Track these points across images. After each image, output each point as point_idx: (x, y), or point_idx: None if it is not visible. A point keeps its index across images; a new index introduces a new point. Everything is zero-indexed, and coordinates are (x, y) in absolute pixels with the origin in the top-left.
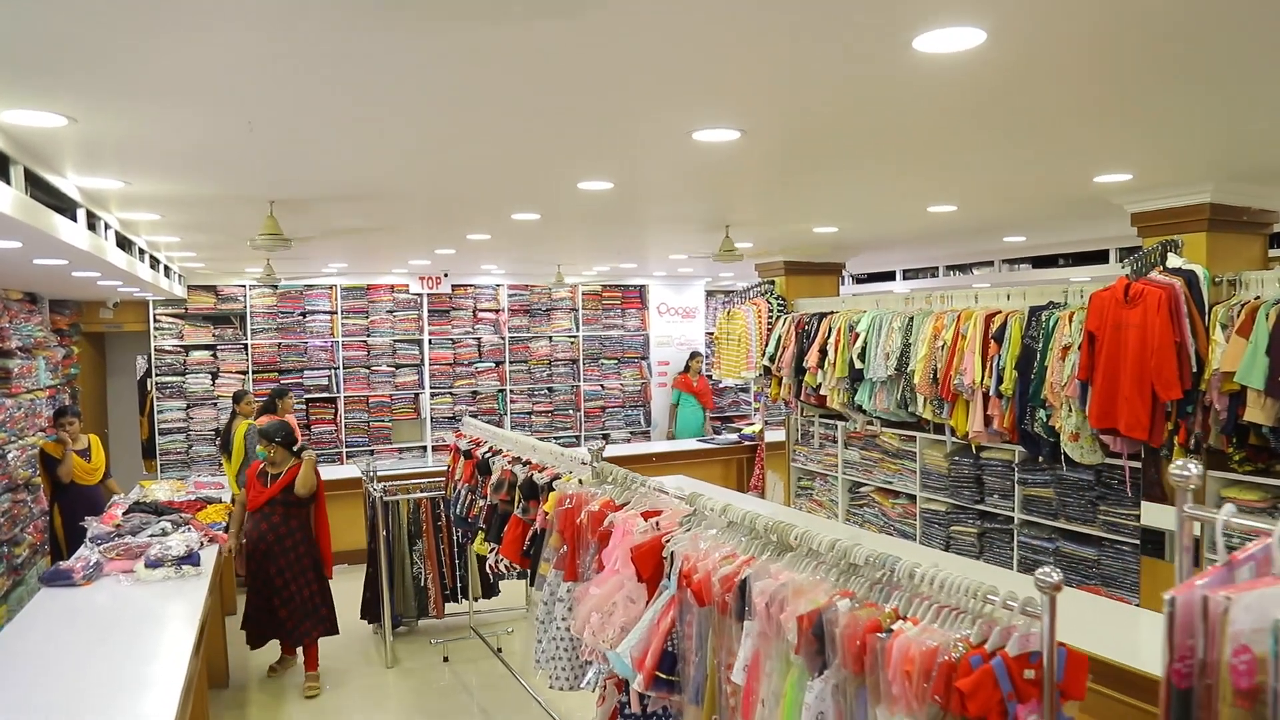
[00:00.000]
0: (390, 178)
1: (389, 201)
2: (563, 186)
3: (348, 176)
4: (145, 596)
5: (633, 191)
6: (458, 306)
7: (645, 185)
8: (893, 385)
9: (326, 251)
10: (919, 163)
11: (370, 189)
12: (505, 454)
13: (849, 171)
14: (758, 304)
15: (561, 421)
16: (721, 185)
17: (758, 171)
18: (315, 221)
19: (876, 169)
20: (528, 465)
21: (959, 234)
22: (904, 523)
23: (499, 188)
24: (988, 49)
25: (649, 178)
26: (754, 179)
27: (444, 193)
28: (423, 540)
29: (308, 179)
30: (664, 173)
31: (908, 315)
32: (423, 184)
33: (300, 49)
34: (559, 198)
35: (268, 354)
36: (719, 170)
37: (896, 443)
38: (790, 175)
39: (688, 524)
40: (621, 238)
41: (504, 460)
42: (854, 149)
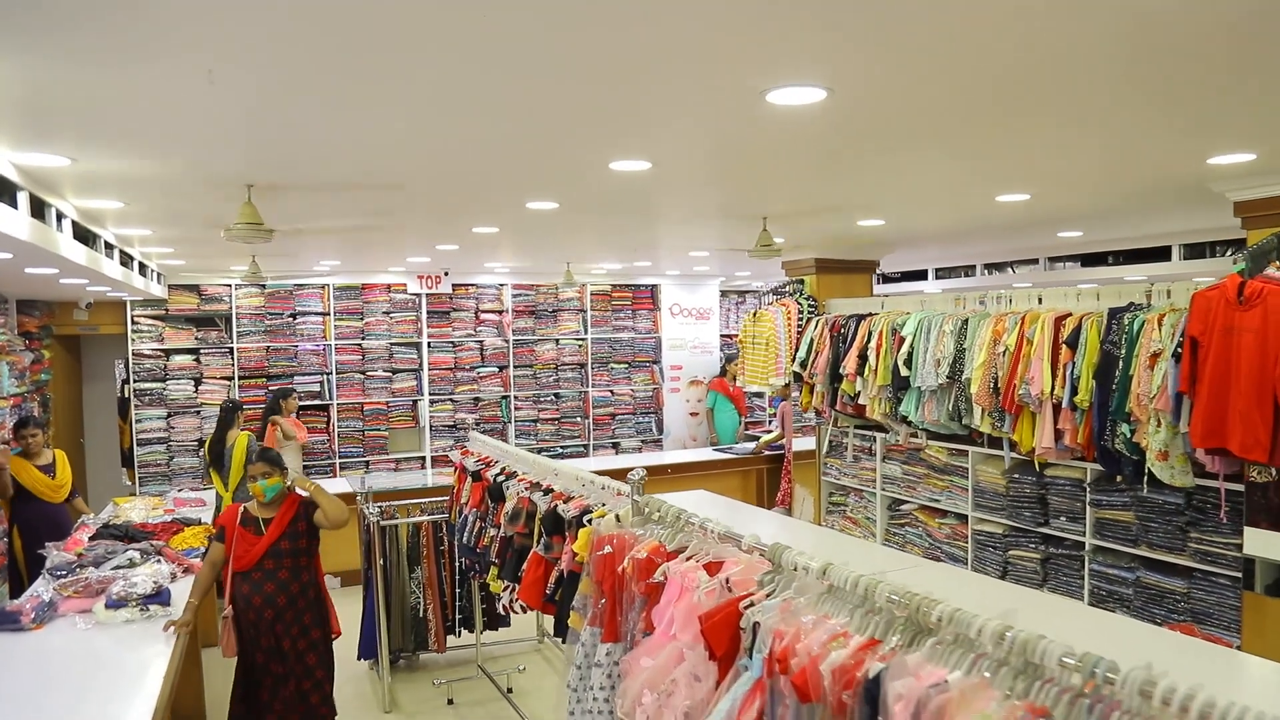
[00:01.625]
0: (387, 159)
1: (386, 188)
2: (591, 168)
3: (337, 157)
4: (105, 643)
5: (672, 174)
6: (459, 307)
7: (689, 165)
8: (943, 395)
9: (317, 247)
10: (1002, 141)
11: (364, 172)
12: (521, 478)
13: (918, 153)
14: (786, 305)
15: (569, 430)
16: (770, 167)
17: (819, 145)
18: (301, 210)
19: (954, 148)
20: (549, 493)
21: (1014, 227)
22: (953, 545)
23: (515, 171)
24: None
25: (696, 154)
26: (810, 158)
27: (450, 178)
28: (422, 567)
29: (290, 159)
30: (714, 148)
31: (961, 318)
32: (425, 168)
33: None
34: (585, 182)
35: (255, 358)
36: (776, 147)
37: (944, 457)
38: (856, 152)
39: (770, 584)
40: (644, 231)
41: (520, 486)
42: (936, 122)
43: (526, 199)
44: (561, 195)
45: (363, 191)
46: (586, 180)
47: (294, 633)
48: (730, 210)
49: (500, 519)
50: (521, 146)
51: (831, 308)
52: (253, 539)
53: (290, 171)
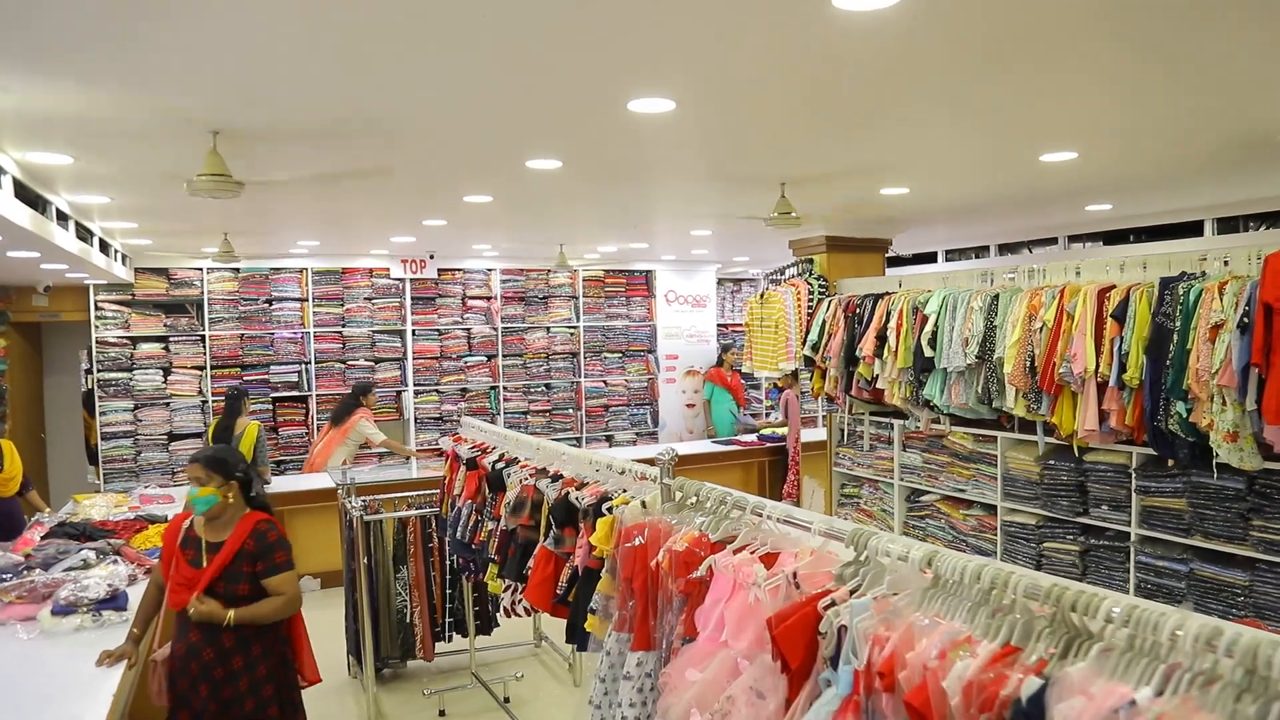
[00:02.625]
0: (371, 100)
1: (370, 140)
2: (606, 109)
3: (314, 98)
4: (51, 654)
5: (697, 117)
6: (445, 293)
7: (719, 104)
8: (972, 376)
9: (294, 224)
10: (1059, 83)
11: (344, 118)
12: (524, 464)
13: (963, 97)
14: (796, 285)
15: (561, 421)
16: (802, 116)
17: (857, 91)
18: (273, 164)
19: (1004, 92)
20: (558, 480)
21: (1048, 198)
22: (979, 537)
23: (519, 115)
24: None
25: (729, 89)
26: (842, 107)
27: (443, 128)
28: (409, 566)
29: (261, 99)
30: (752, 81)
31: (990, 293)
32: (415, 115)
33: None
34: (597, 130)
35: (228, 346)
36: (818, 84)
37: (970, 444)
38: (895, 101)
39: (852, 579)
40: (650, 201)
41: (524, 473)
42: (991, 53)
43: (528, 155)
44: (567, 150)
45: (343, 143)
46: (599, 127)
47: (226, 695)
48: (747, 173)
49: (500, 510)
50: (528, 83)
51: (843, 288)
52: (188, 572)
53: (261, 113)
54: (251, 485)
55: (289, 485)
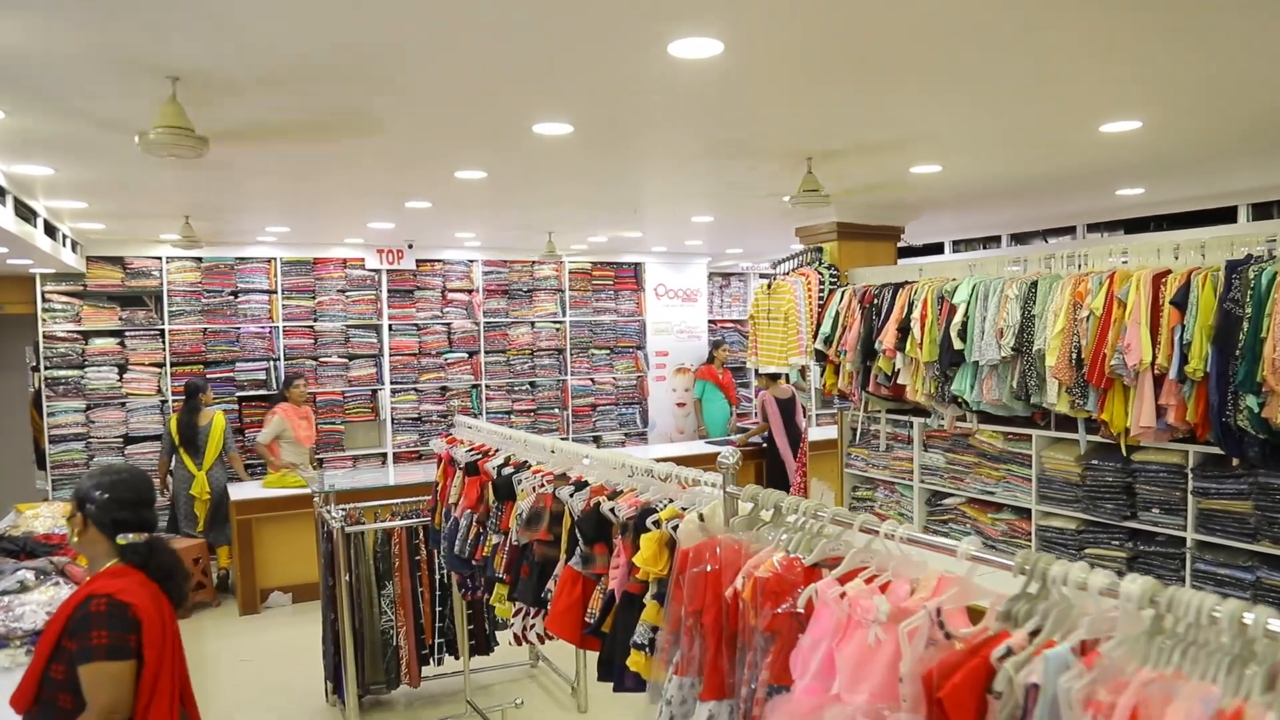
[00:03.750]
0: (361, 39)
1: (354, 92)
2: (641, 54)
3: (295, 32)
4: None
5: (748, 62)
6: (424, 285)
7: (771, 48)
8: (1006, 370)
9: (262, 206)
10: (1131, 37)
11: (329, 65)
12: (537, 469)
13: (1012, 63)
14: (806, 274)
15: (546, 422)
16: (835, 77)
17: (901, 43)
18: (243, 118)
19: (1064, 52)
20: (583, 488)
21: (1082, 179)
22: (1011, 543)
23: (532, 67)
24: None
25: (784, 30)
26: (884, 63)
27: (441, 79)
28: (394, 582)
29: (229, 30)
30: (807, 27)
31: (1027, 280)
32: (411, 60)
33: None
34: (623, 83)
35: (190, 342)
36: (853, 39)
37: (1000, 443)
38: (941, 58)
39: (1027, 618)
40: (661, 174)
41: (537, 479)
42: (1046, 9)
43: (536, 117)
44: (583, 109)
45: (323, 96)
46: (631, 75)
47: None
48: (773, 144)
49: (509, 522)
50: (551, 18)
51: (855, 277)
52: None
53: (229, 54)
54: (127, 528)
55: (257, 491)
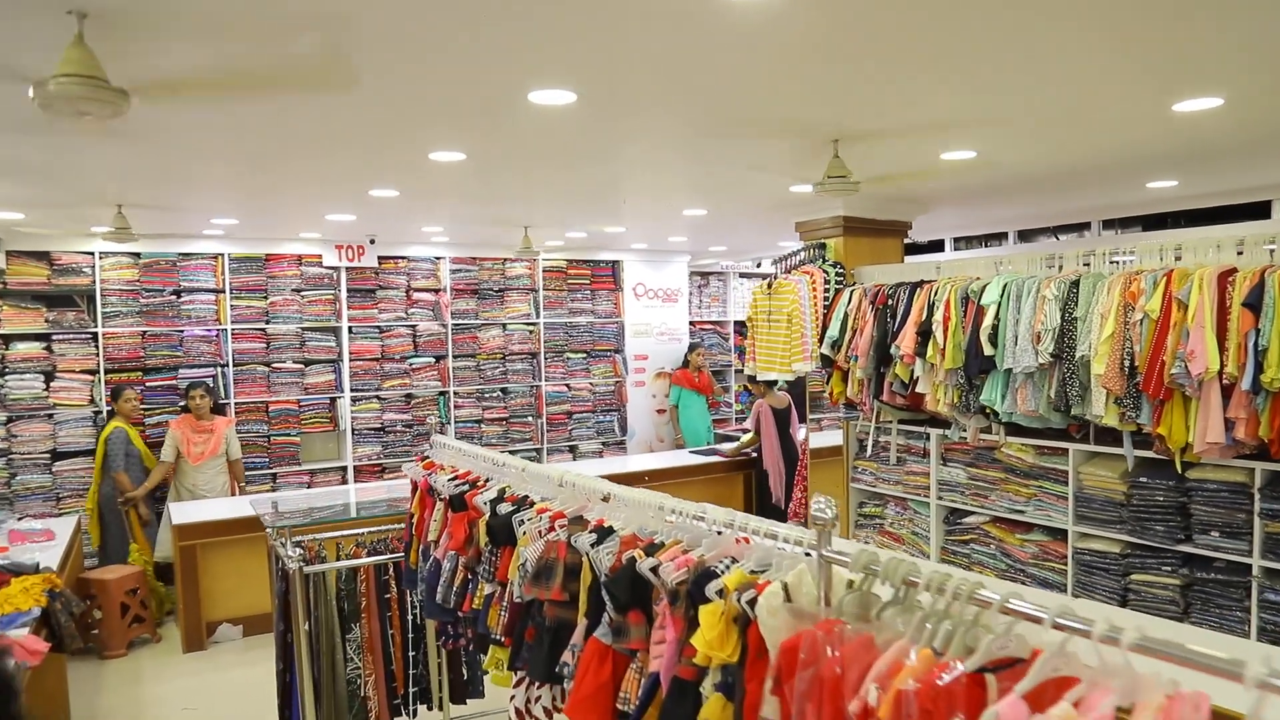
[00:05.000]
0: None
1: (310, 43)
2: (663, 20)
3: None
4: None
5: (775, 30)
6: (386, 284)
7: (799, 15)
8: (1043, 378)
9: (207, 192)
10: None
11: (276, 6)
12: (544, 508)
13: (1081, 26)
14: (810, 273)
15: (519, 431)
16: (870, 45)
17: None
18: (170, 64)
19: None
20: (609, 536)
21: (1120, 169)
22: (1043, 567)
23: (532, 23)
24: None
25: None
26: (930, 28)
27: (420, 32)
28: (361, 625)
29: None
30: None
31: (1067, 279)
32: (381, 7)
33: None
34: (639, 48)
35: (127, 346)
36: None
37: (1030, 457)
38: (995, 31)
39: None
40: (670, 153)
41: (543, 521)
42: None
43: (534, 82)
44: (596, 70)
45: (274, 41)
46: (643, 40)
47: None
48: (795, 125)
49: (508, 572)
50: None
51: (862, 276)
52: None
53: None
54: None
55: (201, 513)
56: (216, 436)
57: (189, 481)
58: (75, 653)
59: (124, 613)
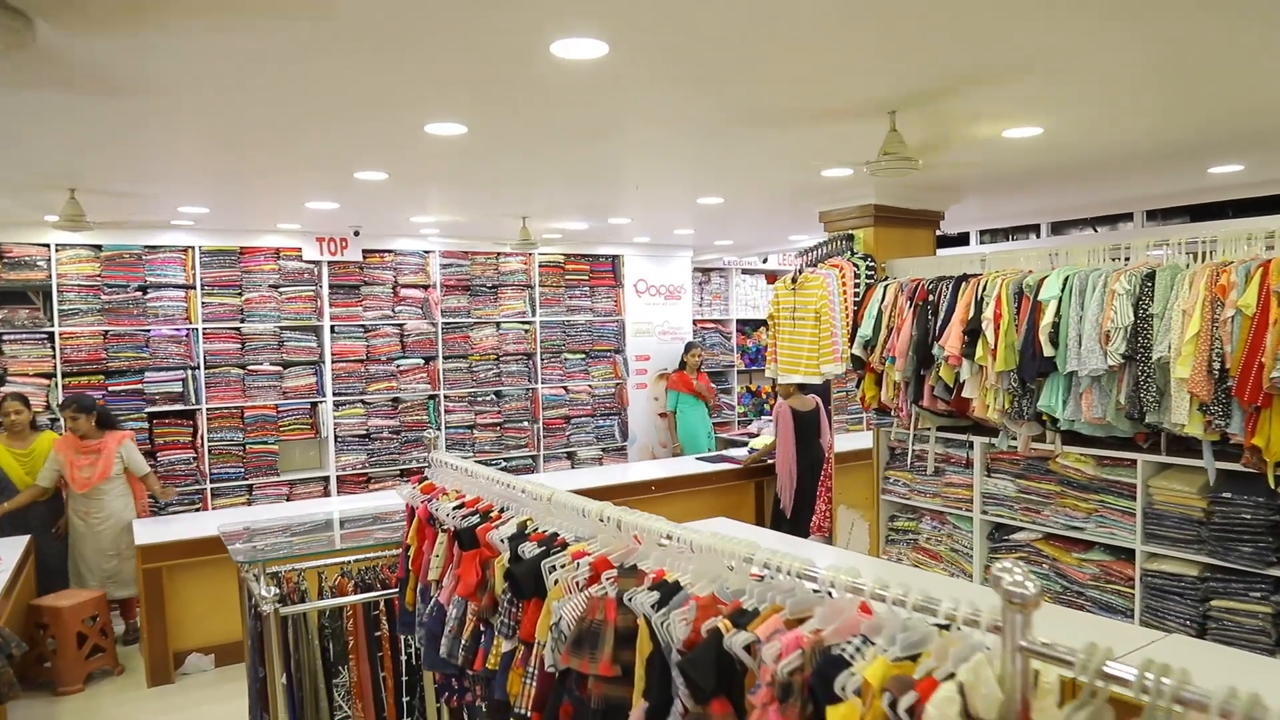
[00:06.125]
0: None
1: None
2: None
3: None
4: None
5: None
6: (372, 280)
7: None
8: (1111, 382)
9: (172, 175)
10: None
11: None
12: (581, 551)
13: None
14: (840, 266)
15: (514, 437)
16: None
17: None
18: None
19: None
20: (675, 595)
21: (1176, 155)
22: (1104, 590)
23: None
24: None
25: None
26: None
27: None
28: (349, 668)
29: None
30: None
31: (1140, 271)
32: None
33: None
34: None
35: (88, 347)
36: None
37: (1091, 469)
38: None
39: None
40: (695, 128)
41: (583, 569)
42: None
43: (560, 27)
44: (631, 16)
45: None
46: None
47: None
48: (845, 98)
49: (535, 631)
50: None
51: (894, 269)
52: None
53: None
54: None
55: (166, 533)
56: (105, 457)
57: (81, 510)
58: (17, 699)
59: (80, 643)
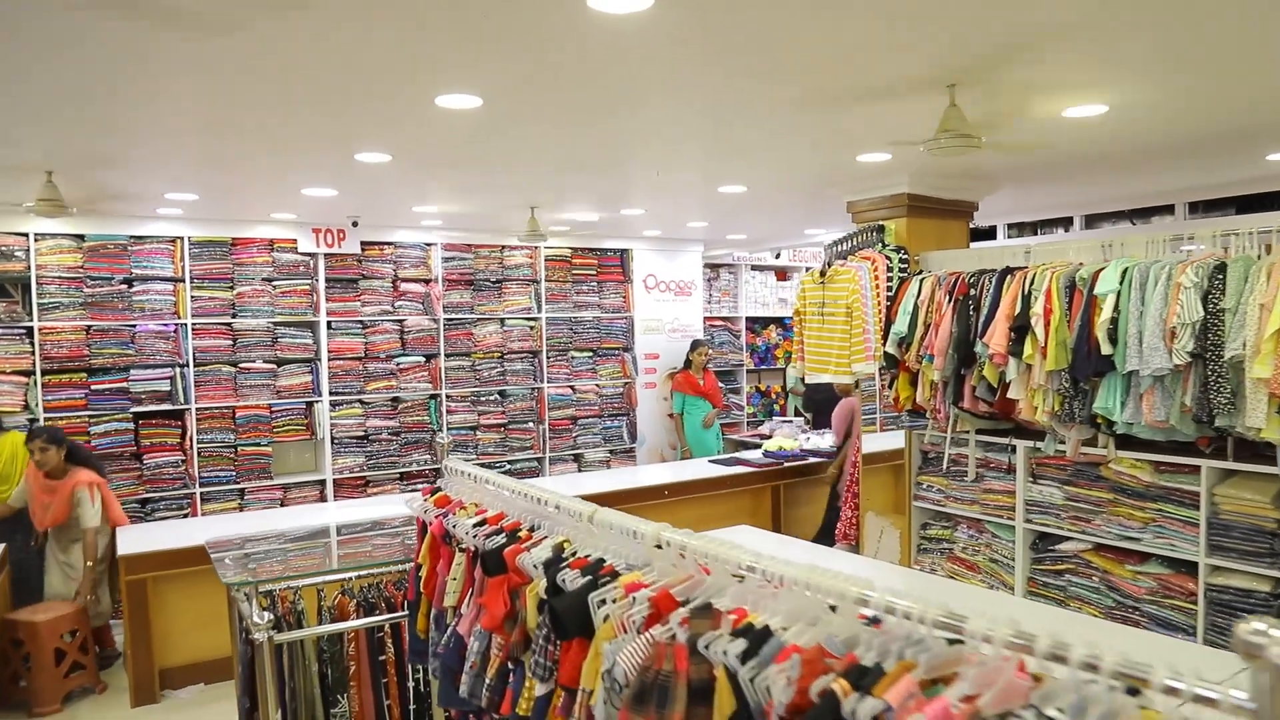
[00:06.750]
0: None
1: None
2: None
3: None
4: None
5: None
6: (370, 274)
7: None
8: (1175, 383)
9: (158, 152)
10: None
11: None
12: (636, 583)
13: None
14: (871, 258)
15: (518, 439)
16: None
17: None
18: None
19: None
20: (761, 640)
21: (1239, 139)
22: (1163, 605)
23: None
24: None
25: None
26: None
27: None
28: (349, 695)
29: None
30: None
31: (1208, 263)
32: None
33: None
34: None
35: (69, 343)
36: None
37: (1148, 475)
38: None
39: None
40: (741, 92)
41: (641, 606)
42: None
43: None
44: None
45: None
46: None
47: None
48: (900, 71)
49: (578, 675)
50: None
51: (928, 263)
52: None
53: None
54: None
55: (149, 541)
56: (59, 500)
57: (53, 539)
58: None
59: (59, 660)
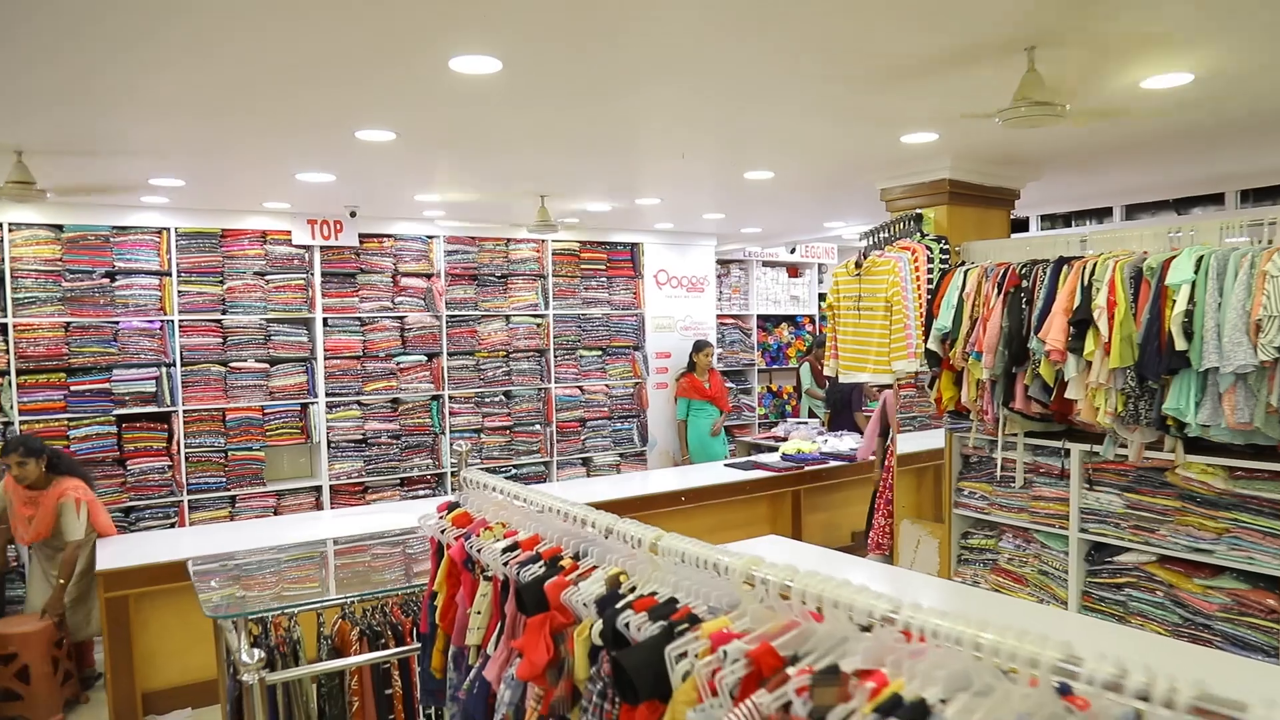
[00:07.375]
0: None
1: None
2: None
3: None
4: None
5: None
6: (369, 268)
7: None
8: (1259, 380)
9: (140, 132)
10: None
11: None
12: (723, 631)
13: None
14: (911, 249)
15: (524, 442)
16: None
17: None
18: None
19: None
20: (895, 710)
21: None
22: (1239, 623)
23: None
24: None
25: None
26: None
27: None
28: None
29: None
30: None
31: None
32: None
33: None
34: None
35: (46, 341)
36: None
37: (1221, 482)
38: None
39: None
40: (791, 71)
41: (737, 668)
42: None
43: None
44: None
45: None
46: None
47: None
48: (984, 32)
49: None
50: None
51: (969, 253)
52: None
53: None
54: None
55: (130, 556)
56: (43, 513)
57: (42, 561)
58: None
59: (55, 668)
